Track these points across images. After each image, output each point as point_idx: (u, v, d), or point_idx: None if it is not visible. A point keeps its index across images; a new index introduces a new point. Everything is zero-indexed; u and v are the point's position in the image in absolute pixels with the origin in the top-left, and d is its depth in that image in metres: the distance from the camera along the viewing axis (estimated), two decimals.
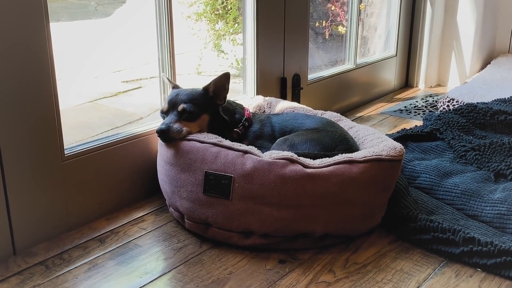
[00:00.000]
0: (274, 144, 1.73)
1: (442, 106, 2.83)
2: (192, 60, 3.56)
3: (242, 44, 2.33)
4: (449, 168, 1.96)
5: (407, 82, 3.49)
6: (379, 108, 3.03)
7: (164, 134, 1.63)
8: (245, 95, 2.34)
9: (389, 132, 2.49)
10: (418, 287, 1.44)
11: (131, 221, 1.76)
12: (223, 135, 1.70)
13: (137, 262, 1.53)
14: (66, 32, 3.63)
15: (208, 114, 1.72)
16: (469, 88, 2.92)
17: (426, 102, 3.11)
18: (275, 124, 1.84)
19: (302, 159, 1.55)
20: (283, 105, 2.05)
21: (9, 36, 1.45)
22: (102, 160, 1.75)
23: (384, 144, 1.67)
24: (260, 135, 1.79)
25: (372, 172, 1.56)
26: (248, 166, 1.53)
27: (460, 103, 2.72)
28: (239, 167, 1.53)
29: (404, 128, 2.41)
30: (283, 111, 2.01)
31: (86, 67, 3.49)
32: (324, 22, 3.25)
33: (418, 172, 1.95)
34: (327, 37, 3.31)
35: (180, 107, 1.67)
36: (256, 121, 1.84)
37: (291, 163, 1.52)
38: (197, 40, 3.52)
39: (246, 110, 1.86)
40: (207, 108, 1.72)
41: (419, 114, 2.90)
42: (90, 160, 1.72)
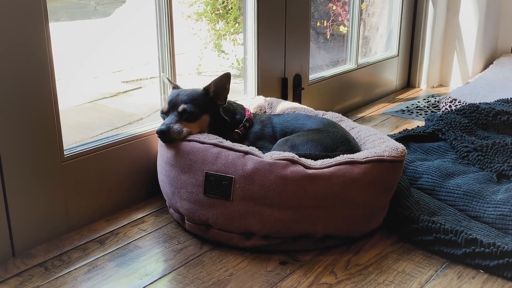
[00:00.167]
0: (275, 145, 1.73)
1: (444, 106, 2.82)
2: (193, 60, 3.55)
3: (243, 44, 2.33)
4: (451, 169, 1.95)
5: (409, 82, 3.49)
6: (381, 108, 3.03)
7: (164, 134, 1.62)
8: (245, 95, 2.34)
9: (391, 133, 2.49)
10: None
11: (131, 222, 1.76)
12: (224, 135, 1.70)
13: (137, 264, 1.53)
14: (66, 32, 3.63)
15: (209, 114, 1.72)
16: (471, 88, 2.91)
17: (428, 102, 3.11)
18: (276, 124, 1.83)
19: (303, 160, 1.55)
20: (284, 105, 2.05)
21: (8, 36, 1.45)
22: (102, 160, 1.75)
23: (386, 144, 1.67)
24: (261, 136, 1.79)
25: (373, 173, 1.56)
26: (249, 167, 1.52)
27: (463, 103, 2.71)
28: (240, 168, 1.53)
29: (406, 129, 2.40)
30: (284, 112, 2.01)
31: (86, 67, 3.49)
32: (325, 22, 3.25)
33: (420, 173, 1.95)
34: (328, 37, 3.31)
35: (181, 107, 1.66)
36: (257, 121, 1.84)
37: (292, 164, 1.52)
38: (197, 40, 3.52)
39: (247, 110, 1.85)
40: (207, 108, 1.71)
41: (421, 114, 2.89)
42: (90, 161, 1.72)
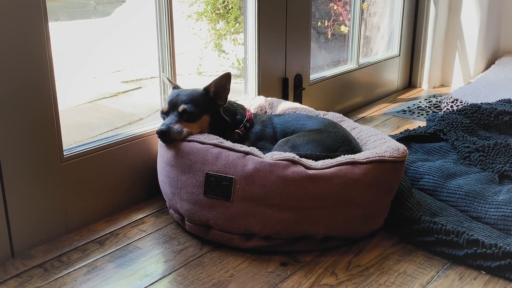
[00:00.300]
0: (275, 145, 1.73)
1: (445, 106, 2.82)
2: (193, 60, 3.55)
3: (243, 43, 2.32)
4: (452, 169, 1.95)
5: (410, 82, 3.49)
6: (382, 108, 3.03)
7: (165, 135, 1.62)
8: (246, 95, 2.34)
9: (392, 133, 2.49)
10: None
11: (131, 223, 1.76)
12: (224, 136, 1.69)
13: (137, 265, 1.52)
14: (65, 31, 3.63)
15: (209, 114, 1.72)
16: (473, 88, 2.91)
17: (429, 102, 3.11)
18: (276, 125, 1.83)
19: (304, 160, 1.55)
20: (285, 105, 2.05)
21: (7, 35, 1.44)
22: (101, 161, 1.75)
23: (387, 145, 1.67)
24: (262, 136, 1.79)
25: (375, 173, 1.56)
26: (250, 168, 1.52)
27: (464, 103, 2.72)
28: (240, 168, 1.53)
29: (407, 129, 2.40)
30: (284, 112, 2.01)
31: (86, 67, 3.49)
32: (326, 21, 3.25)
33: (421, 173, 1.95)
34: (329, 36, 3.31)
35: (181, 107, 1.66)
36: (258, 122, 1.83)
37: (293, 164, 1.51)
38: (197, 40, 3.52)
39: (247, 110, 1.85)
40: (208, 108, 1.71)
41: (422, 114, 2.89)
42: (90, 161, 1.71)
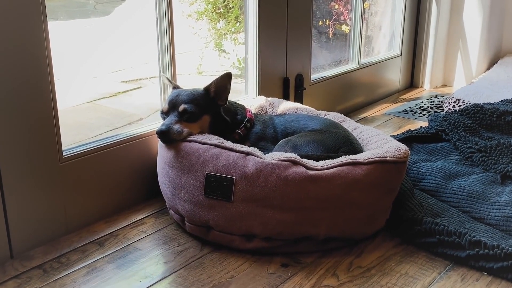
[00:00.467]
0: (276, 145, 1.72)
1: (447, 106, 2.83)
2: (193, 60, 3.56)
3: (244, 43, 2.32)
4: (455, 170, 1.95)
5: (412, 82, 3.48)
6: (384, 108, 3.02)
7: (165, 135, 1.61)
8: (247, 95, 2.34)
9: (393, 133, 2.49)
10: None
11: (131, 223, 1.75)
12: (225, 136, 1.69)
13: (136, 266, 1.52)
14: (65, 31, 3.64)
15: (209, 115, 1.71)
16: (475, 88, 2.91)
17: (431, 102, 3.10)
18: (277, 125, 1.83)
19: (305, 160, 1.54)
20: (286, 105, 2.05)
21: (6, 35, 1.44)
22: (101, 161, 1.74)
23: (389, 145, 1.66)
24: (262, 137, 1.78)
25: (376, 174, 1.55)
26: (250, 168, 1.52)
27: (466, 103, 2.72)
28: (241, 169, 1.52)
29: (409, 129, 2.40)
30: (285, 112, 2.01)
31: (85, 67, 3.50)
32: (327, 21, 3.25)
33: (423, 174, 1.95)
34: (330, 36, 3.31)
35: (181, 107, 1.66)
36: (258, 122, 1.83)
37: (294, 165, 1.51)
38: (198, 39, 3.52)
39: (248, 111, 1.85)
40: (208, 108, 1.71)
41: (424, 115, 2.89)
42: (89, 161, 1.71)
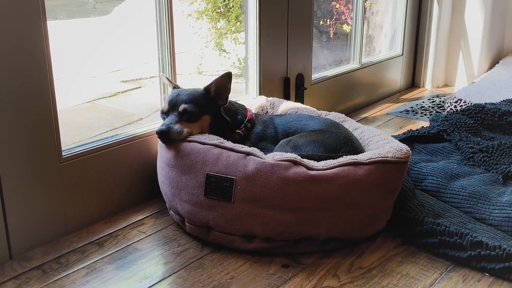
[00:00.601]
0: (277, 145, 1.72)
1: (449, 106, 2.82)
2: (193, 60, 3.56)
3: (244, 43, 2.32)
4: (456, 170, 1.94)
5: (413, 82, 3.48)
6: (385, 108, 3.02)
7: (164, 135, 1.61)
8: (247, 95, 2.33)
9: (395, 133, 2.48)
10: None
11: (131, 224, 1.75)
12: (225, 136, 1.69)
13: (136, 267, 1.52)
14: (64, 30, 3.63)
15: (210, 114, 1.71)
16: (477, 88, 2.91)
17: (433, 102, 3.10)
18: (278, 125, 1.83)
19: (306, 161, 1.54)
20: (286, 105, 2.04)
21: (4, 34, 1.43)
22: (100, 161, 1.74)
23: (390, 145, 1.66)
24: (263, 137, 1.78)
25: (377, 174, 1.55)
26: (251, 168, 1.51)
27: (468, 103, 2.71)
28: (241, 169, 1.52)
29: (410, 129, 2.40)
30: (286, 112, 2.00)
31: (85, 66, 3.50)
32: (328, 20, 3.25)
33: (424, 174, 1.94)
34: (331, 36, 3.31)
35: (181, 107, 1.65)
36: (259, 122, 1.83)
37: (295, 165, 1.51)
38: (198, 39, 3.52)
39: (249, 111, 1.84)
40: (208, 108, 1.70)
41: (425, 115, 2.88)
42: (89, 161, 1.71)
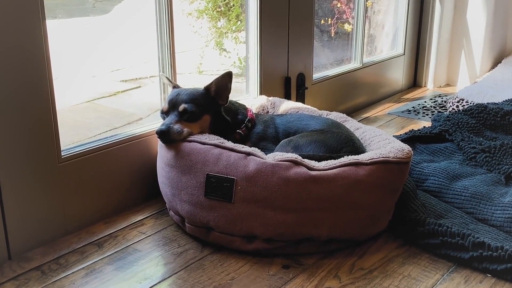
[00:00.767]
0: (277, 145, 1.72)
1: (451, 106, 2.82)
2: (193, 59, 3.55)
3: (245, 42, 2.32)
4: (458, 170, 1.94)
5: (415, 82, 3.47)
6: (386, 108, 3.01)
7: (164, 135, 1.61)
8: (248, 95, 2.33)
9: (396, 134, 2.48)
10: None
11: (130, 225, 1.75)
12: (225, 136, 1.68)
13: (136, 267, 1.52)
14: (63, 29, 3.63)
15: (210, 114, 1.71)
16: (479, 88, 2.90)
17: (434, 102, 3.09)
18: (279, 125, 1.82)
19: (307, 161, 1.54)
20: (287, 105, 2.04)
21: (3, 34, 1.43)
22: (100, 162, 1.74)
23: (392, 145, 1.66)
24: (264, 137, 1.78)
25: (379, 174, 1.55)
26: (251, 168, 1.51)
27: (470, 103, 2.71)
28: (242, 169, 1.52)
29: (412, 129, 2.39)
30: (287, 112, 2.00)
31: (84, 66, 3.50)
32: (329, 19, 3.24)
33: (426, 174, 1.93)
34: (332, 35, 3.30)
35: (181, 107, 1.65)
36: (259, 122, 1.82)
37: (295, 165, 1.50)
38: (198, 38, 3.52)
39: (249, 110, 1.84)
40: (208, 108, 1.70)
41: (427, 114, 2.88)
42: (88, 162, 1.70)
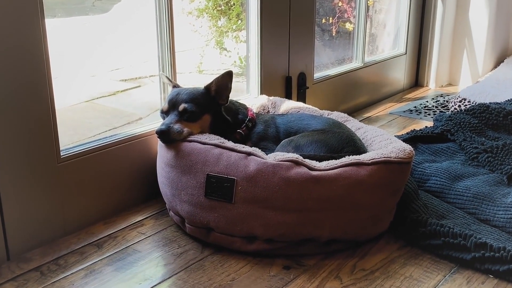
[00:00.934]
0: (278, 145, 1.71)
1: (453, 106, 2.81)
2: (194, 58, 3.55)
3: (246, 41, 2.31)
4: (460, 170, 1.93)
5: (417, 82, 3.47)
6: (388, 108, 3.01)
7: (164, 135, 1.61)
8: (248, 94, 2.33)
9: (398, 133, 2.47)
10: None
11: (130, 225, 1.75)
12: (226, 136, 1.68)
13: (136, 268, 1.51)
14: (62, 28, 3.63)
15: (210, 114, 1.70)
16: (481, 87, 2.89)
17: (436, 102, 3.09)
18: (279, 125, 1.82)
19: (308, 161, 1.53)
20: (288, 105, 2.04)
21: (1, 33, 1.42)
22: (99, 162, 1.73)
23: (393, 145, 1.65)
24: (264, 136, 1.77)
25: (380, 174, 1.54)
26: (252, 169, 1.50)
27: (472, 103, 2.70)
28: (242, 169, 1.51)
29: (414, 129, 2.39)
30: (288, 112, 2.00)
31: (83, 65, 3.51)
32: (331, 18, 3.24)
33: (428, 174, 1.93)
34: (334, 34, 3.31)
35: (181, 107, 1.65)
36: (260, 121, 1.82)
37: (296, 165, 1.50)
38: (198, 37, 3.52)
39: (250, 110, 1.84)
40: (209, 108, 1.70)
41: (429, 114, 2.87)
42: (87, 162, 1.70)
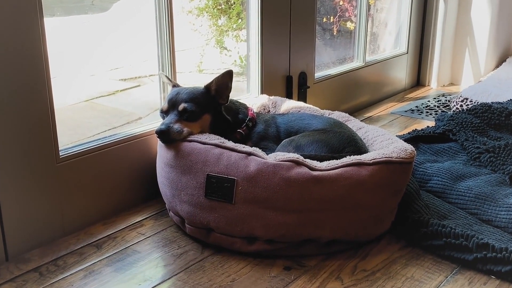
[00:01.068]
0: (279, 145, 1.71)
1: (455, 106, 2.81)
2: (193, 57, 3.56)
3: (246, 40, 2.31)
4: (462, 170, 1.92)
5: (418, 81, 3.47)
6: (389, 108, 3.01)
7: (164, 134, 1.60)
8: (249, 94, 2.32)
9: (399, 133, 2.47)
10: None
11: (129, 225, 1.74)
12: (226, 136, 1.68)
13: (135, 269, 1.51)
14: (61, 27, 3.64)
15: (210, 114, 1.70)
16: (483, 87, 2.89)
17: (438, 101, 3.09)
18: (280, 124, 1.81)
19: (309, 161, 1.53)
20: (289, 104, 2.04)
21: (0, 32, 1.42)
22: (99, 162, 1.73)
23: (394, 145, 1.65)
24: (265, 136, 1.77)
25: (381, 175, 1.54)
26: (252, 169, 1.50)
27: (474, 102, 2.71)
28: (243, 169, 1.51)
29: (415, 129, 2.39)
30: (288, 111, 1.99)
31: (82, 64, 3.51)
32: (332, 17, 3.25)
33: (429, 175, 1.93)
34: (335, 33, 3.31)
35: (181, 106, 1.64)
36: (261, 121, 1.82)
37: (297, 165, 1.50)
38: (198, 36, 3.52)
39: (250, 110, 1.83)
40: (209, 107, 1.69)
41: (431, 114, 2.87)
42: (87, 162, 1.70)
